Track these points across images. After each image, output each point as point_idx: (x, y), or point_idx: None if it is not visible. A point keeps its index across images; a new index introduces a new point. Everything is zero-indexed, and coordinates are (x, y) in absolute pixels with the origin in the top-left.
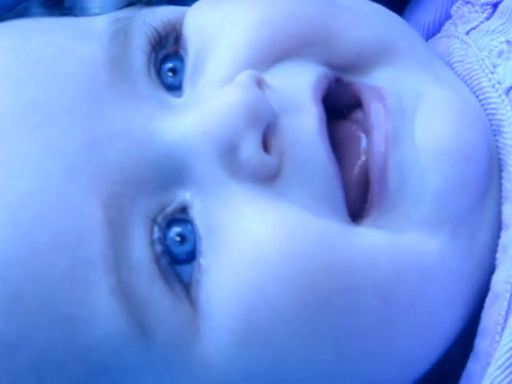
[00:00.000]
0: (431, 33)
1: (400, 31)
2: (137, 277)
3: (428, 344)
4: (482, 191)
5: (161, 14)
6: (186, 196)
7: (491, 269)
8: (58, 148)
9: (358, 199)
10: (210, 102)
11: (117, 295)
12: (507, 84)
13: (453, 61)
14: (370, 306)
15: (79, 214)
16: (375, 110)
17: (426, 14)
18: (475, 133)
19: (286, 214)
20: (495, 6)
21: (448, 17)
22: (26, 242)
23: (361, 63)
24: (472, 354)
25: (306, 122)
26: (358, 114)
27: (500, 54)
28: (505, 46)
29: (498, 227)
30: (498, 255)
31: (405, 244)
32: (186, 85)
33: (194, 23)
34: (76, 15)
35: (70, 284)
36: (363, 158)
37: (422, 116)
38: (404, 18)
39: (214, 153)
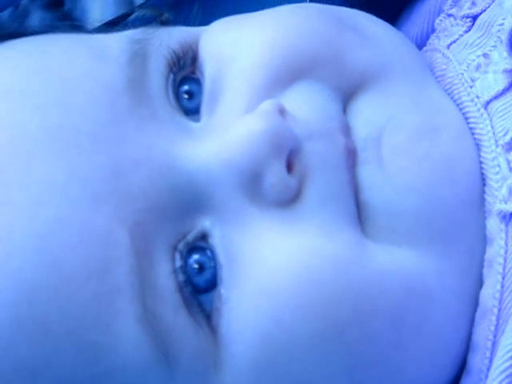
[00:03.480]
0: (419, 46)
1: (398, 52)
2: (162, 305)
3: (436, 366)
4: (471, 208)
5: (177, 36)
6: (206, 223)
7: (479, 284)
8: (83, 175)
9: None
10: (231, 130)
11: (142, 323)
12: (485, 98)
13: (436, 75)
14: (382, 331)
15: (106, 242)
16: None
17: (414, 27)
18: (451, 154)
19: (302, 241)
20: (474, 18)
21: (434, 29)
22: (54, 269)
23: (359, 85)
24: (465, 370)
25: (334, 149)
26: None
27: (477, 67)
28: (482, 60)
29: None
30: (485, 270)
31: (404, 262)
32: (204, 110)
33: (209, 46)
34: (76, 18)
35: (96, 311)
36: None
37: (390, 140)
38: None
39: (235, 181)
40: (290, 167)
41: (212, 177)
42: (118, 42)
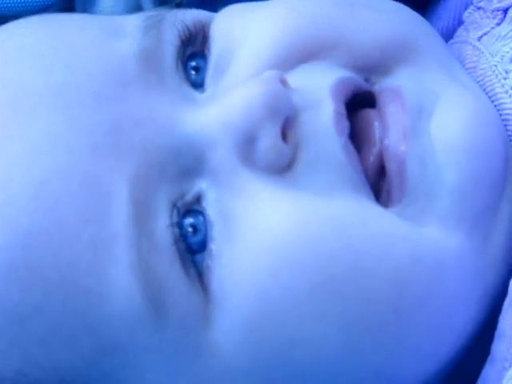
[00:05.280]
0: (444, 39)
1: (421, 29)
2: (156, 256)
3: (439, 340)
4: (498, 190)
5: (191, 14)
6: (202, 185)
7: (508, 273)
8: (85, 128)
9: (376, 187)
10: (231, 95)
11: (135, 271)
12: None
13: (466, 67)
14: (383, 295)
15: (105, 190)
16: (392, 110)
17: (440, 21)
18: (491, 132)
19: (299, 200)
20: (506, 11)
21: (460, 23)
22: (50, 215)
23: (384, 62)
24: (489, 358)
25: (322, 115)
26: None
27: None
28: None
29: None
30: None
31: (424, 237)
32: (208, 83)
33: (221, 26)
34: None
35: (91, 257)
36: (378, 147)
37: (440, 115)
38: None
39: (230, 143)
40: (284, 136)
41: (209, 139)
42: (133, 19)
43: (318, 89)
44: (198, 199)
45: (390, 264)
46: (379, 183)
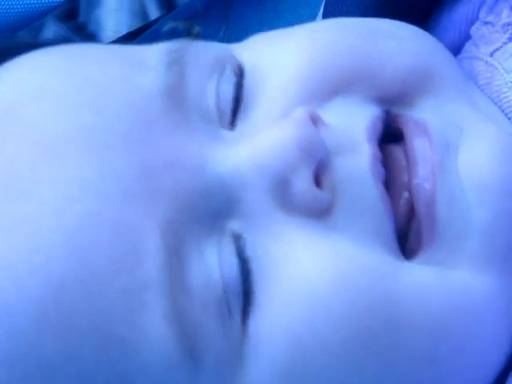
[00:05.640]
0: (453, 54)
1: (440, 56)
2: (191, 303)
3: (474, 381)
4: None
5: (213, 47)
6: (235, 227)
7: None
8: (115, 173)
9: (406, 233)
10: (263, 135)
11: (170, 320)
12: None
13: (480, 83)
14: (419, 346)
15: (137, 238)
16: (419, 145)
17: (446, 33)
18: None
19: (338, 248)
20: None
21: (467, 37)
22: (83, 264)
23: (407, 92)
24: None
25: (359, 160)
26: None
27: None
28: None
29: None
30: None
31: (455, 282)
32: (239, 119)
33: (247, 57)
34: (91, 31)
35: (124, 307)
36: (407, 191)
37: (466, 150)
38: None
39: (265, 185)
40: (319, 181)
41: (242, 180)
42: (155, 52)
43: (353, 130)
44: (233, 240)
45: (425, 315)
46: (409, 223)
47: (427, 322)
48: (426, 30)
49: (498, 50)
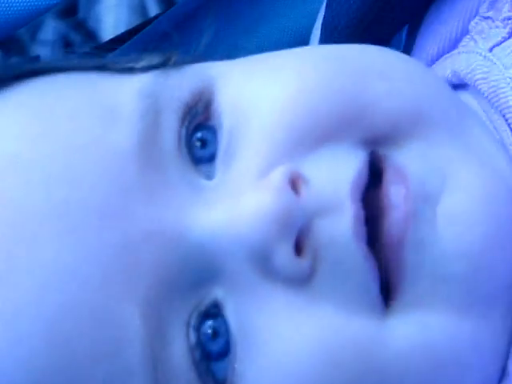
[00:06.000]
0: (450, 47)
1: (432, 94)
2: (175, 382)
3: None
4: None
5: (188, 82)
6: (218, 294)
7: None
8: (91, 254)
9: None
10: (241, 200)
11: None
12: None
13: (476, 78)
14: None
15: (117, 324)
16: (395, 193)
17: (446, 27)
18: (505, 220)
19: (320, 320)
20: None
21: (465, 31)
22: (63, 354)
23: (395, 134)
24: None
25: (340, 223)
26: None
27: None
28: None
29: None
30: None
31: (436, 333)
32: (219, 165)
33: (228, 94)
34: (90, 27)
35: None
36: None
37: (447, 201)
38: (421, 32)
39: (245, 256)
40: (300, 248)
41: (221, 247)
42: (129, 96)
43: (336, 186)
44: (216, 306)
45: (413, 375)
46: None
47: (416, 381)
48: (424, 19)
49: (497, 45)
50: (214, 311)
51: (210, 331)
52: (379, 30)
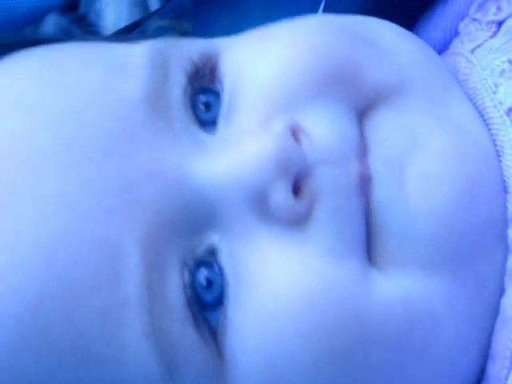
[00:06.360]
0: (441, 49)
1: (418, 65)
2: (169, 319)
3: None
4: (488, 233)
5: (197, 47)
6: (214, 239)
7: (500, 292)
8: (94, 188)
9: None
10: (242, 148)
11: (148, 336)
12: (508, 104)
13: (459, 79)
14: (386, 357)
15: (116, 255)
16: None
17: (437, 30)
18: (476, 180)
19: (309, 264)
20: (500, 24)
21: (457, 33)
22: (60, 281)
23: (376, 102)
24: (483, 378)
25: (345, 176)
26: None
27: (502, 73)
28: (506, 66)
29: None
30: (506, 279)
31: (412, 290)
32: (221, 122)
33: (229, 59)
34: (91, 21)
35: (102, 323)
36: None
37: (415, 163)
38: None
39: (242, 198)
40: (298, 190)
41: (221, 193)
42: (139, 53)
43: (340, 141)
44: (211, 253)
45: (391, 328)
46: None
47: (391, 335)
48: (419, 23)
49: (479, 46)
50: (208, 260)
51: (204, 282)
52: None
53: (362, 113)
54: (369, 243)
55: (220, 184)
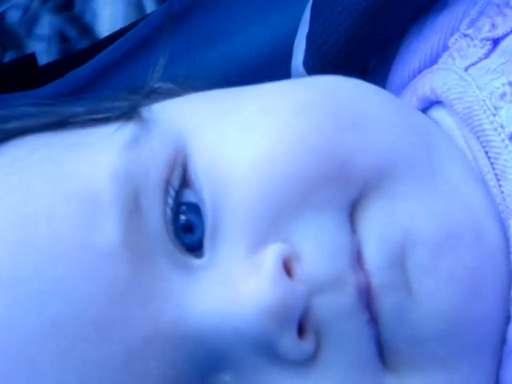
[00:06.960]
0: (428, 63)
1: (401, 142)
2: None
3: None
4: (498, 306)
5: (160, 152)
6: (226, 379)
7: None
8: (96, 370)
9: None
10: (238, 290)
11: None
12: (511, 129)
13: (451, 97)
14: None
15: None
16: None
17: (426, 43)
18: (473, 265)
19: None
20: (495, 42)
21: (445, 48)
22: None
23: (364, 192)
24: None
25: (343, 296)
26: None
27: (502, 96)
28: (507, 88)
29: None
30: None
31: None
32: (206, 244)
33: (200, 160)
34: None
35: None
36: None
37: (413, 262)
38: (403, 47)
39: (248, 347)
40: (302, 329)
41: (224, 340)
42: (104, 181)
43: (333, 263)
44: None
45: None
46: None
47: None
48: (408, 35)
49: (473, 64)
50: None
51: None
52: (366, 50)
53: (352, 206)
54: (380, 349)
55: (223, 333)
